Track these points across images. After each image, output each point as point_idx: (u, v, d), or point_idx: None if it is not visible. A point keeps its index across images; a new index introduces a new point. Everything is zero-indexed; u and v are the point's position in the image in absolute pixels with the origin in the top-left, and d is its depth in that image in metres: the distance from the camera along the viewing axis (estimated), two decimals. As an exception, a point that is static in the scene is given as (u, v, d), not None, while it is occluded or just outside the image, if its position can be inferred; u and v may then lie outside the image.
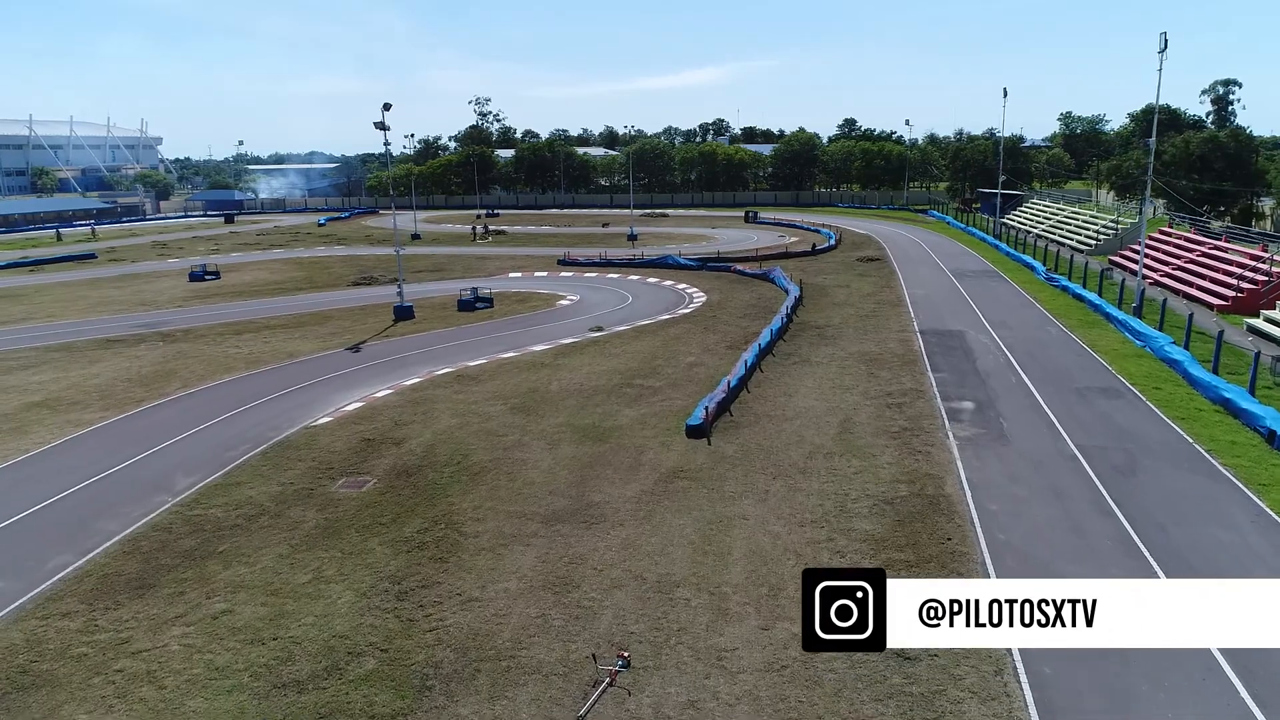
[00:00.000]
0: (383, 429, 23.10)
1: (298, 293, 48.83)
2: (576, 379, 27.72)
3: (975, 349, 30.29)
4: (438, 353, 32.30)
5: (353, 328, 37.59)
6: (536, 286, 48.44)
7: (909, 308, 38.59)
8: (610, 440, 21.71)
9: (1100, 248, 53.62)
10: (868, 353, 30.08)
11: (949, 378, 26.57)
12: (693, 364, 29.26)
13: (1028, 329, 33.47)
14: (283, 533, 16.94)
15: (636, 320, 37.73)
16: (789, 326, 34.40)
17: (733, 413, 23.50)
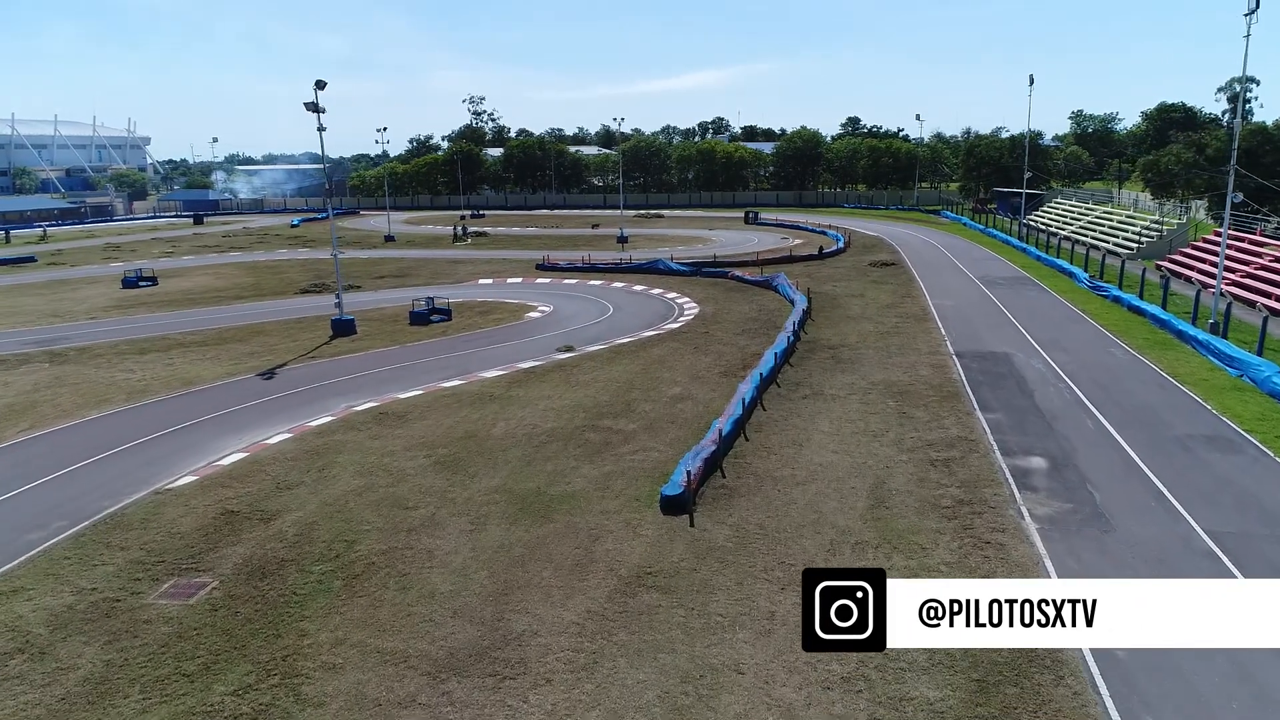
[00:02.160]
0: (255, 496, 17.22)
1: (236, 302, 42.98)
2: (529, 418, 21.86)
3: (1029, 377, 24.40)
4: (368, 380, 26.42)
5: (279, 346, 31.73)
6: (507, 295, 42.56)
7: (937, 322, 32.70)
8: (556, 517, 15.85)
9: (1144, 251, 47.72)
10: (895, 383, 24.20)
11: (1004, 420, 20.68)
12: (677, 397, 23.39)
13: (1087, 350, 27.57)
14: (31, 691, 11.07)
15: (615, 337, 31.87)
16: (796, 346, 28.54)
17: (725, 472, 17.66)
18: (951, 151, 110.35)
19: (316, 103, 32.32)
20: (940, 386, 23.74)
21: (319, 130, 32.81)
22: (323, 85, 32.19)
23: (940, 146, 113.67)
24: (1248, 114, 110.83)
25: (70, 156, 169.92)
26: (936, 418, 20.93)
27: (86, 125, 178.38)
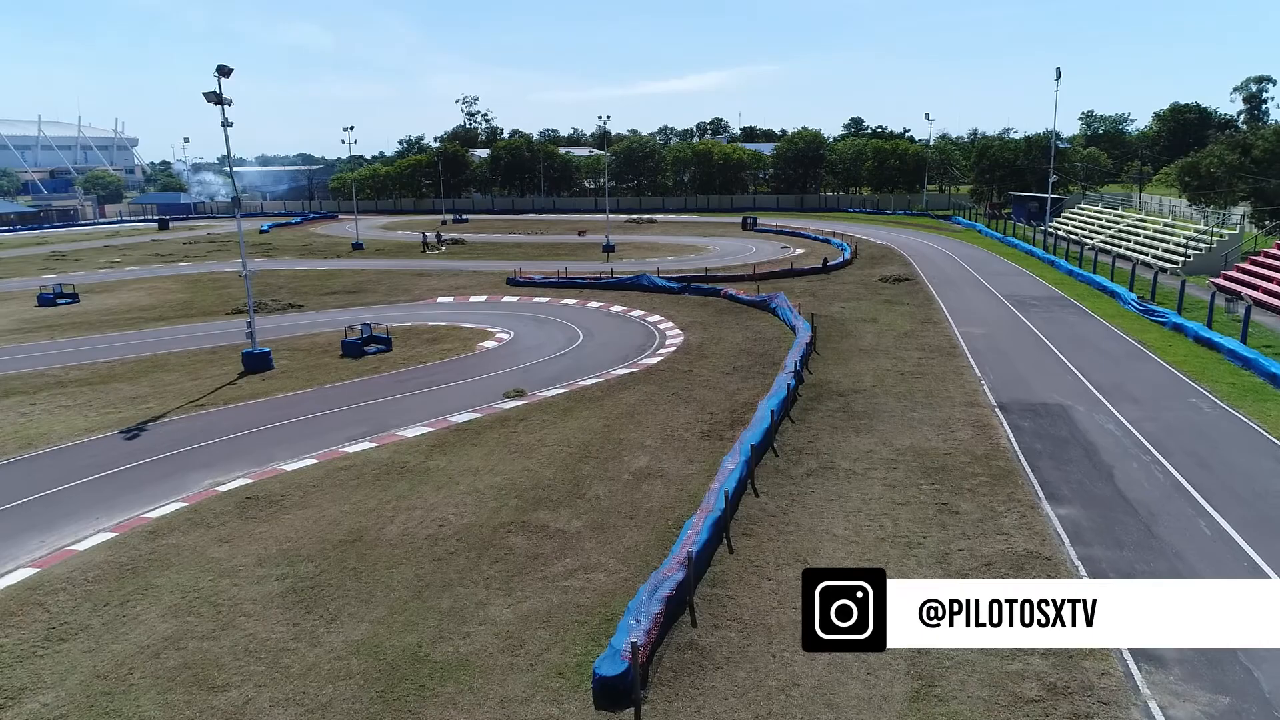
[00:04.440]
0: (1, 658, 11.69)
1: (157, 324, 37.50)
2: (441, 508, 16.33)
3: (1100, 444, 18.84)
4: (256, 440, 20.90)
5: (172, 387, 26.22)
6: (465, 317, 37.00)
7: (968, 358, 27.15)
8: (437, 702, 10.30)
9: (1191, 266, 42.14)
10: (928, 451, 18.65)
11: (1084, 519, 15.12)
12: (643, 473, 17.86)
13: (1163, 401, 22.01)
14: None
15: (579, 376, 26.35)
16: (798, 392, 23.02)
17: (697, 615, 12.13)
18: (962, 153, 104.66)
19: (220, 93, 26.85)
20: (987, 458, 18.17)
21: (223, 125, 27.30)
22: (227, 72, 26.70)
23: (949, 148, 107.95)
24: (1264, 114, 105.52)
25: (54, 158, 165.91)
26: (989, 514, 15.37)
27: (71, 126, 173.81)
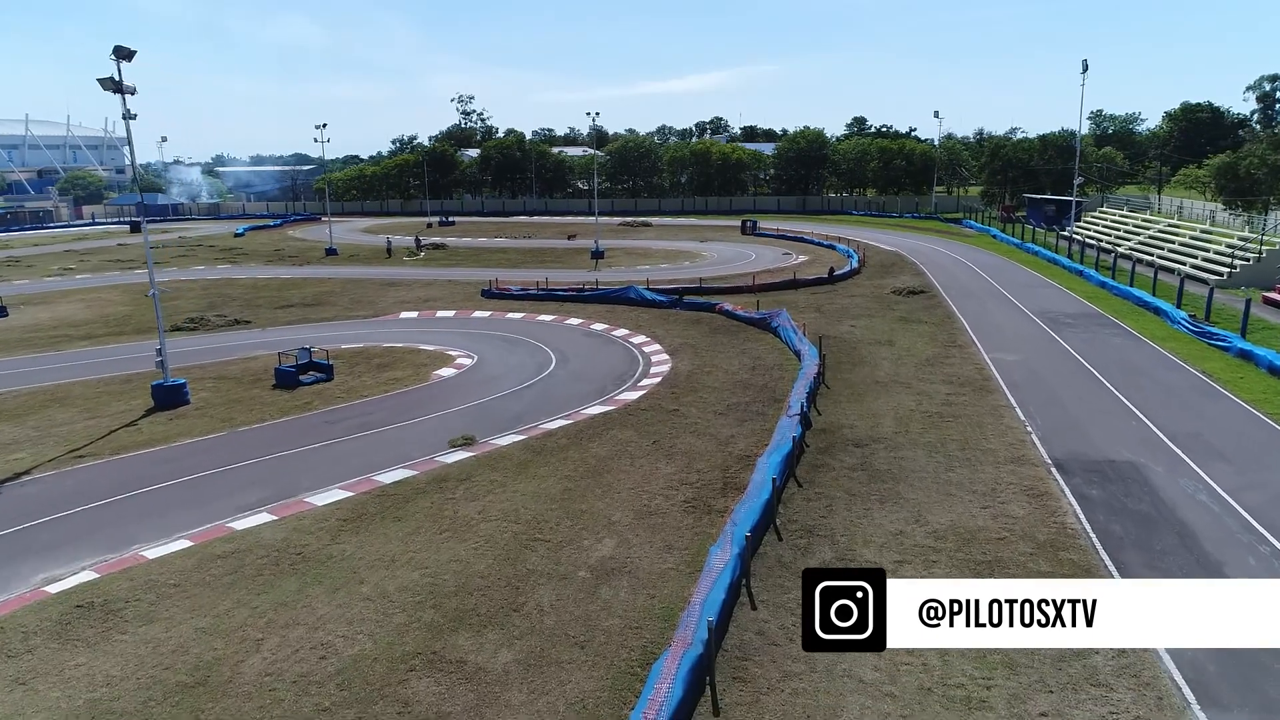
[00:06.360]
0: None
1: (81, 344, 33.39)
2: (328, 624, 12.13)
3: (1196, 526, 14.61)
4: (126, 509, 16.70)
5: (61, 429, 22.05)
6: (427, 337, 32.79)
7: (1005, 393, 22.93)
8: None
9: (1238, 278, 37.90)
10: (974, 534, 14.44)
11: (1207, 660, 10.90)
12: (605, 567, 13.66)
13: (1262, 459, 17.73)
14: None
15: (543, 417, 22.15)
16: (805, 442, 18.81)
17: None
18: (972, 153, 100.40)
19: (119, 79, 22.66)
20: (1053, 548, 13.95)
21: (125, 118, 23.09)
22: (129, 55, 22.53)
23: (958, 147, 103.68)
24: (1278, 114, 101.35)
25: (42, 157, 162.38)
26: (1072, 652, 11.15)
27: (60, 125, 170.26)
